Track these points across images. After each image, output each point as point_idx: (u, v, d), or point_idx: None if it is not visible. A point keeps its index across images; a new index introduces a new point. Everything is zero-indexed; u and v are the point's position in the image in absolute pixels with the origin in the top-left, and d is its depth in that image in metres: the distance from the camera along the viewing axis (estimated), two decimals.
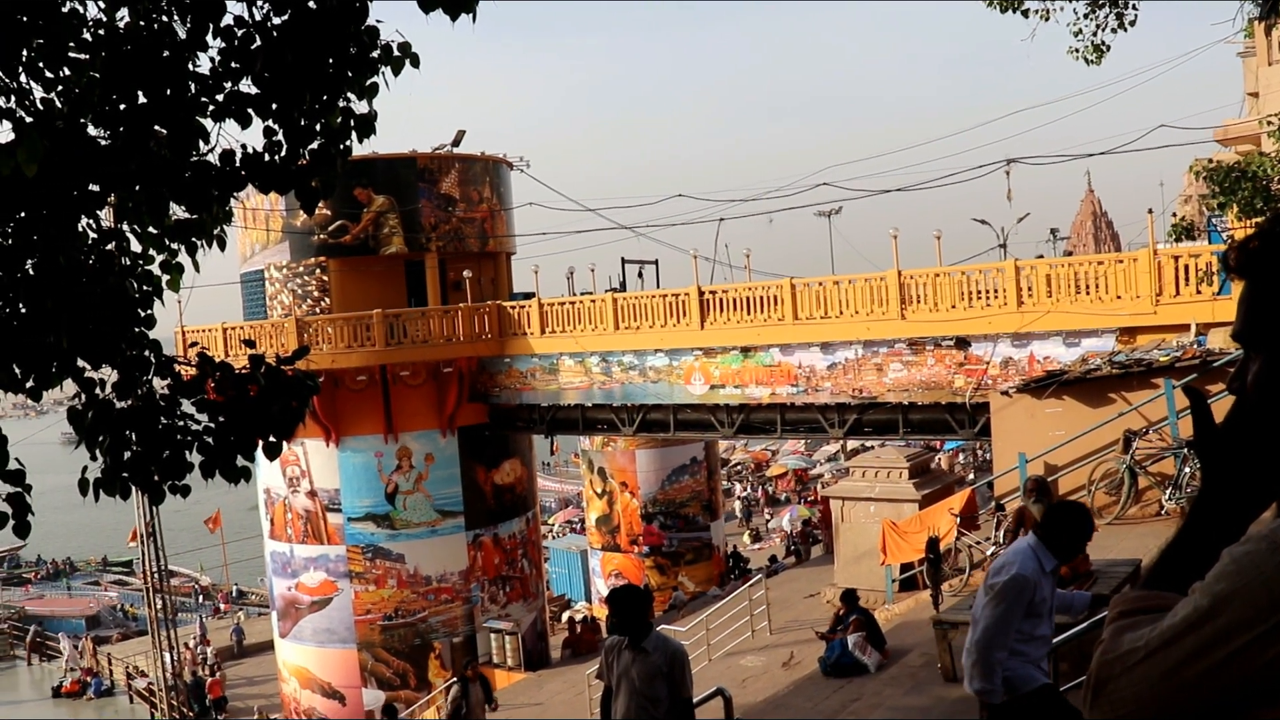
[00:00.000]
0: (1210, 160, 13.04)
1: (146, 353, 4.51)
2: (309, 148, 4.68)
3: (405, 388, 26.29)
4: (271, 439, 4.72)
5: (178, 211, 4.65)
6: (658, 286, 29.62)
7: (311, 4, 4.39)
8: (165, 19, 4.33)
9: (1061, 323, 18.20)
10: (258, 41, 4.44)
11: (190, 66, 4.38)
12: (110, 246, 4.58)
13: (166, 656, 25.64)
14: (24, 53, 3.91)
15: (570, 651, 27.76)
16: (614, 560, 34.80)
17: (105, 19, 4.30)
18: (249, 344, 6.01)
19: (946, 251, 20.35)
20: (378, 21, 4.56)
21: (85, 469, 4.42)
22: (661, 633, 6.73)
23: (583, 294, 27.15)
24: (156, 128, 4.34)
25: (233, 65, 4.47)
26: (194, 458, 4.58)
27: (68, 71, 4.13)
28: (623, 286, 30.22)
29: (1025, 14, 10.31)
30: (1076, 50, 10.45)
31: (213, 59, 4.47)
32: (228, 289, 29.70)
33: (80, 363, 4.37)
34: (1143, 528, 13.13)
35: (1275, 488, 1.40)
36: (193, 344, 26.10)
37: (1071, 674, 7.11)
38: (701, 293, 22.94)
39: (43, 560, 67.78)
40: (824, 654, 13.94)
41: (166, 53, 4.29)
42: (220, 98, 4.48)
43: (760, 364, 22.17)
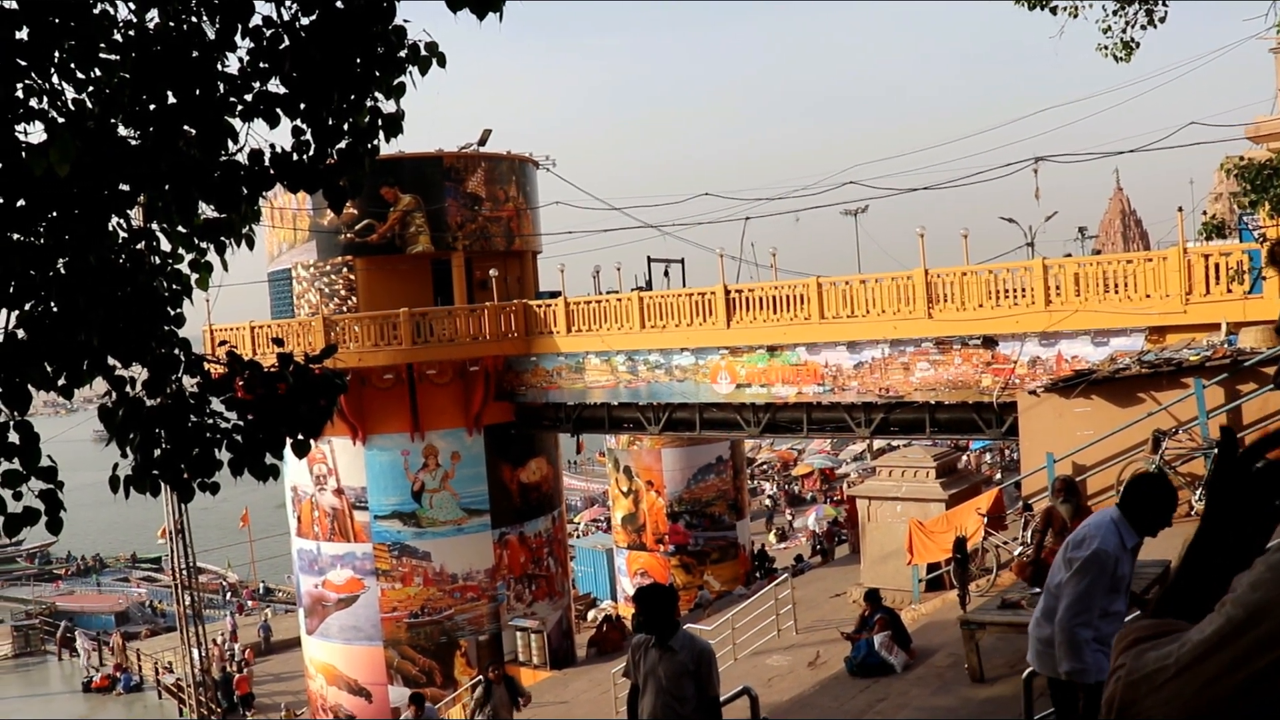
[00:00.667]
0: (1241, 158, 12.92)
1: (176, 351, 4.54)
2: (337, 147, 4.70)
3: (431, 386, 26.37)
4: (300, 437, 4.74)
5: (207, 211, 4.68)
6: (684, 285, 29.60)
7: (339, 4, 4.40)
8: (194, 20, 4.35)
9: (1090, 322, 18.08)
10: (286, 41, 4.46)
11: (219, 67, 4.40)
12: (140, 246, 4.60)
13: (195, 653, 25.81)
14: (56, 54, 3.94)
15: (595, 650, 27.78)
16: (639, 559, 34.83)
17: (135, 20, 4.32)
18: (277, 342, 6.04)
19: (973, 250, 20.29)
20: (405, 21, 4.57)
21: (116, 466, 4.45)
22: (688, 631, 6.73)
23: (609, 293, 27.14)
24: (186, 128, 4.36)
25: (261, 65, 4.48)
26: (223, 455, 4.61)
27: (98, 72, 4.15)
28: (649, 285, 30.22)
29: (1054, 11, 10.24)
30: (1105, 47, 10.37)
31: (241, 59, 4.49)
32: (255, 288, 29.89)
33: (111, 361, 4.39)
34: (1172, 528, 13.02)
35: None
36: (222, 342, 26.27)
37: None
38: (728, 291, 22.91)
39: (73, 557, 68.37)
40: (850, 654, 13.90)
41: (196, 53, 4.31)
42: (249, 97, 4.50)
43: (786, 363, 22.13)
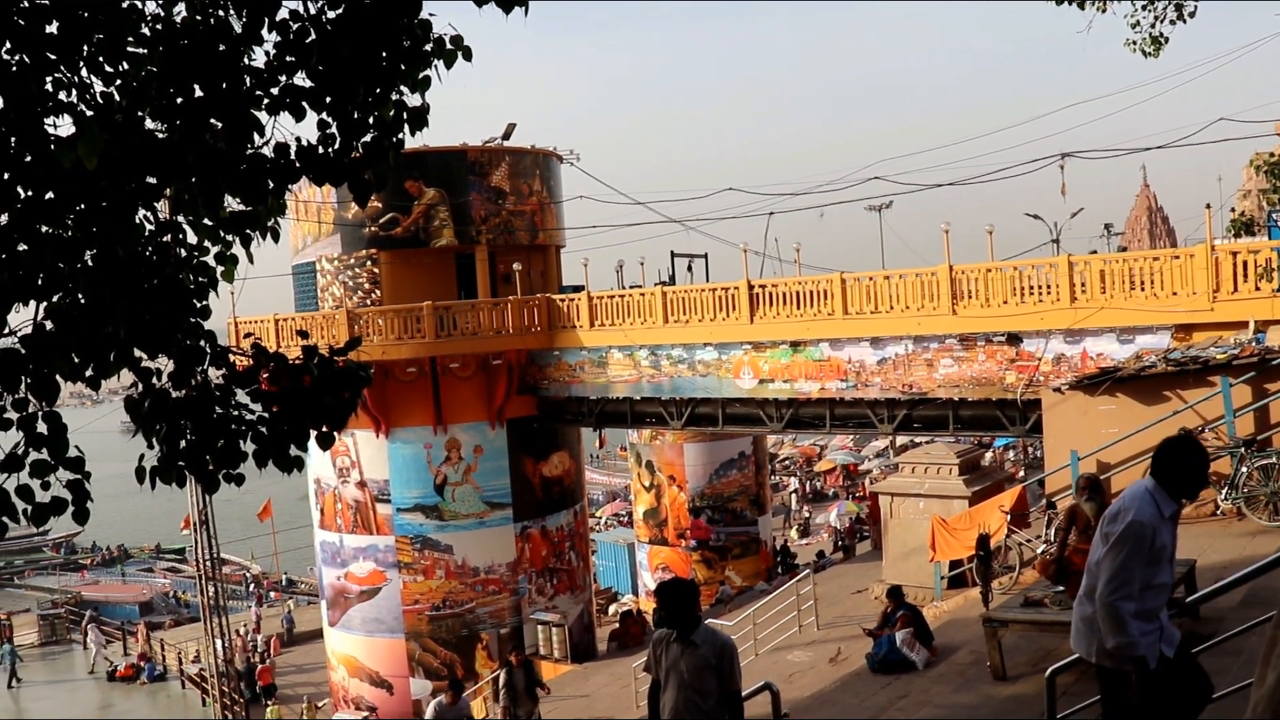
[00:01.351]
0: (1271, 154, 12.80)
1: (202, 343, 4.56)
2: (362, 140, 4.71)
3: (455, 379, 26.43)
4: (324, 429, 4.76)
5: (233, 204, 4.70)
6: (707, 280, 29.59)
7: None
8: (221, 14, 4.37)
9: (1115, 319, 17.98)
10: (312, 35, 4.48)
11: (245, 60, 4.42)
12: (167, 238, 4.63)
13: (218, 643, 25.97)
14: (85, 48, 3.97)
15: (617, 644, 27.84)
16: (661, 554, 34.85)
17: (163, 14, 4.35)
18: (302, 335, 6.08)
19: (998, 247, 20.20)
20: (430, 14, 4.58)
21: (142, 457, 4.48)
22: (710, 626, 6.73)
23: (632, 287, 27.15)
24: (213, 121, 4.38)
25: (287, 59, 4.50)
26: (248, 447, 4.63)
27: (126, 66, 4.17)
28: (672, 280, 30.22)
29: (1081, 5, 10.17)
30: (1134, 42, 10.29)
31: (268, 53, 4.50)
32: (279, 281, 30.03)
33: (137, 353, 4.42)
34: (1198, 528, 12.94)
35: None
36: (247, 335, 26.38)
37: None
38: (751, 286, 22.88)
39: (98, 547, 68.91)
40: (871, 650, 13.88)
41: (222, 47, 4.33)
42: (275, 91, 4.52)
43: (810, 358, 22.09)
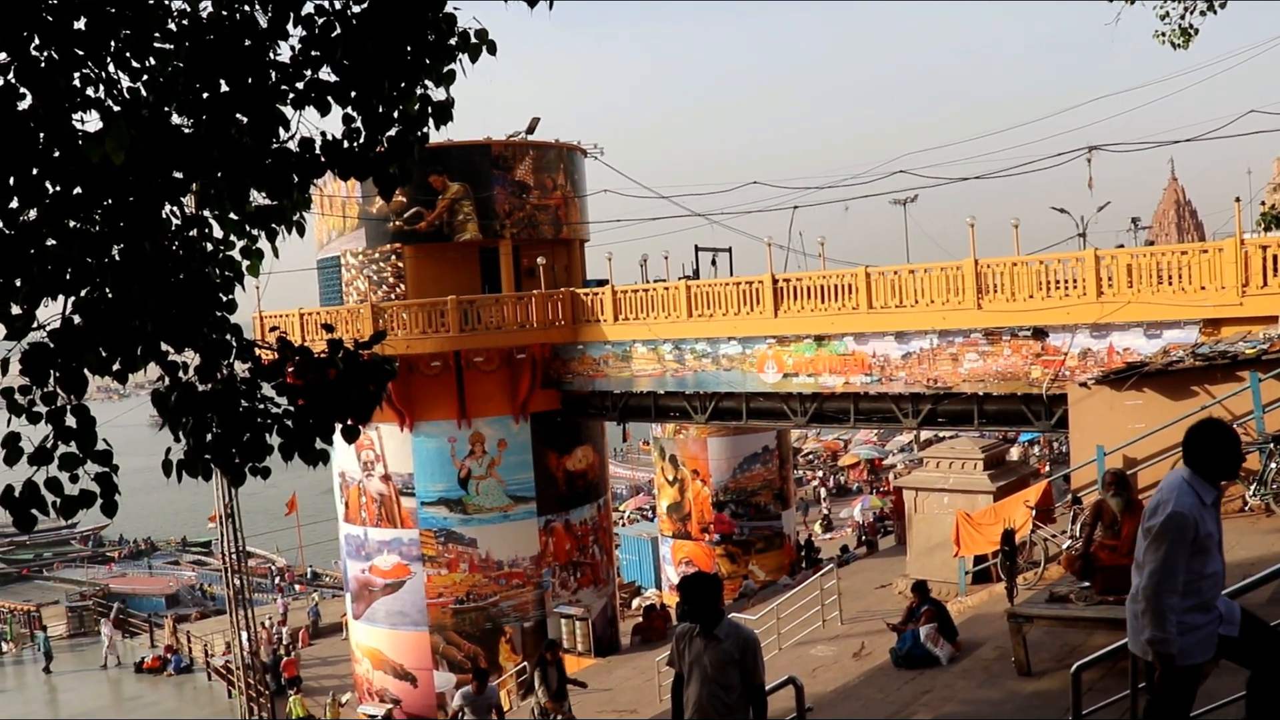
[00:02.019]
0: None
1: (228, 337, 4.58)
2: (387, 134, 4.73)
3: (479, 373, 26.48)
4: (350, 422, 4.78)
5: (258, 198, 4.72)
6: (731, 274, 29.55)
7: None
8: (247, 8, 4.39)
9: (1142, 314, 17.86)
10: (337, 30, 4.49)
11: (271, 55, 4.44)
12: (193, 233, 4.65)
13: (244, 636, 26.13)
14: (112, 43, 3.99)
15: (640, 638, 27.86)
16: (685, 548, 34.86)
17: (189, 9, 4.37)
18: (328, 328, 6.08)
19: (1024, 241, 20.04)
20: (454, 8, 4.59)
21: (168, 450, 4.50)
22: (733, 620, 6.72)
23: (656, 281, 27.14)
24: (238, 116, 4.40)
25: (313, 53, 4.52)
26: (273, 440, 4.65)
27: (153, 61, 4.19)
28: (696, 274, 30.20)
29: None
30: (1163, 34, 10.22)
31: (293, 47, 4.52)
32: (304, 275, 30.17)
33: (164, 346, 4.44)
34: (1225, 524, 12.84)
35: None
36: (273, 328, 26.53)
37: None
38: (775, 281, 22.84)
39: (125, 540, 69.46)
40: (895, 645, 13.84)
41: (248, 42, 4.35)
42: (300, 86, 4.53)
43: (834, 353, 22.04)
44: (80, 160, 3.89)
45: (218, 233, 4.77)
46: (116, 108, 4.07)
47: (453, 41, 4.63)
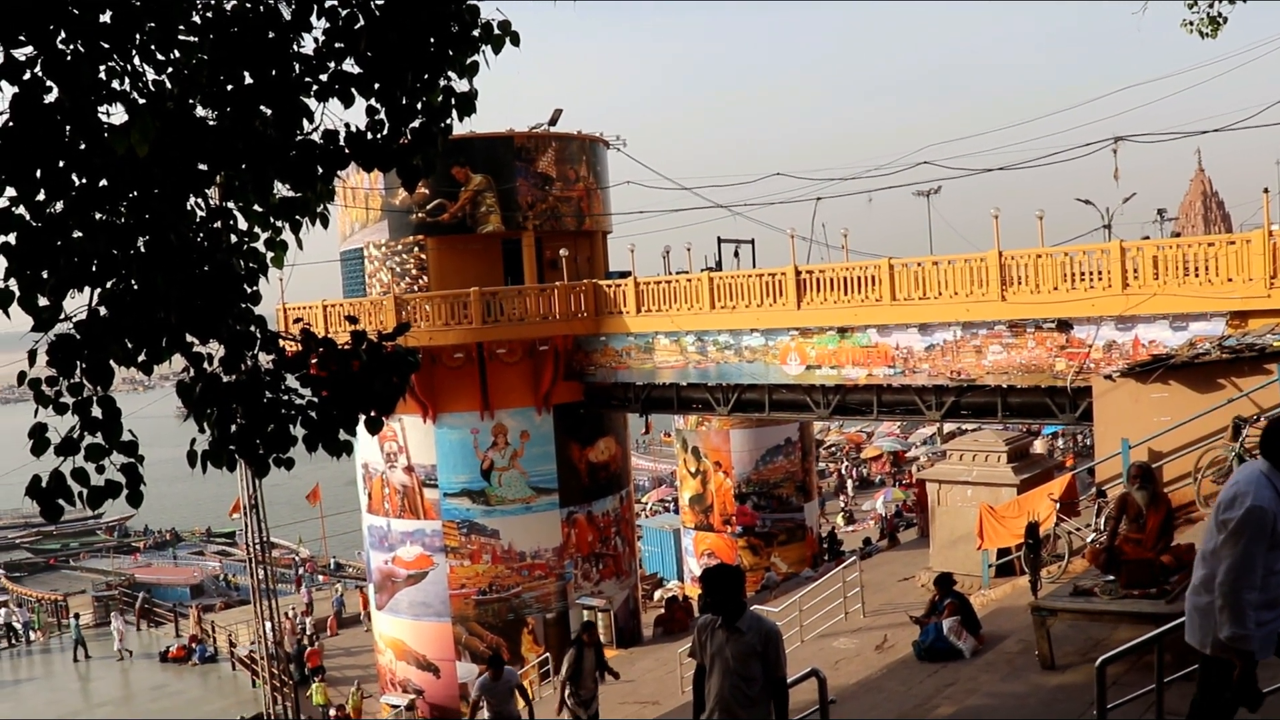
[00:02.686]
0: None
1: (252, 328, 4.60)
2: (410, 126, 4.73)
3: (501, 365, 26.53)
4: (373, 414, 4.80)
5: (282, 190, 4.74)
6: (754, 266, 29.49)
7: None
8: (271, 1, 4.40)
9: (1168, 306, 17.74)
10: (361, 21, 4.50)
11: (295, 47, 4.45)
12: (218, 224, 4.67)
13: (267, 626, 26.26)
14: (137, 36, 4.01)
15: (662, 629, 27.91)
16: (707, 540, 34.88)
17: (213, 2, 4.38)
18: (351, 320, 6.11)
19: (1049, 232, 19.97)
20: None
21: (193, 441, 4.53)
22: (755, 612, 6.72)
23: (679, 273, 27.11)
24: (262, 108, 4.41)
25: (336, 45, 4.53)
26: (297, 431, 4.67)
27: (178, 54, 4.21)
28: (719, 266, 30.15)
29: None
30: (1191, 23, 10.12)
31: (317, 39, 4.53)
32: (327, 267, 30.25)
33: (189, 338, 4.46)
34: None
35: None
36: (297, 320, 26.63)
37: (1175, 665, 6.94)
38: (798, 272, 22.79)
39: (150, 530, 69.94)
40: (918, 638, 13.83)
41: (272, 34, 4.36)
42: (324, 77, 4.54)
43: (857, 345, 21.98)
44: (106, 153, 3.91)
45: (242, 224, 4.79)
46: (142, 100, 4.08)
47: (476, 33, 4.63)
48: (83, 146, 3.94)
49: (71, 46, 3.84)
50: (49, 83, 3.82)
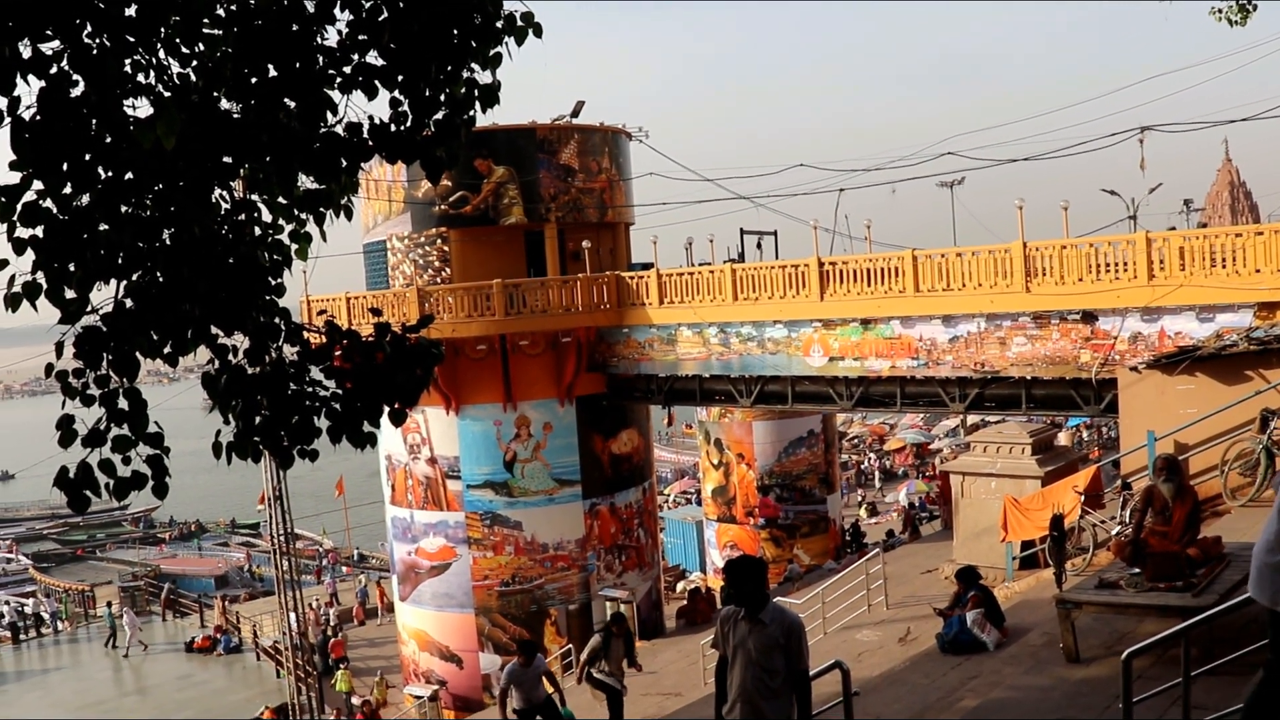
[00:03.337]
0: None
1: (276, 320, 4.62)
2: (434, 118, 4.74)
3: (524, 357, 26.56)
4: (397, 406, 4.81)
5: (306, 182, 4.75)
6: (776, 257, 29.44)
7: None
8: None
9: (1195, 297, 17.60)
10: (384, 13, 4.50)
11: (319, 39, 4.46)
12: (242, 217, 4.69)
13: (292, 617, 26.41)
14: (162, 29, 4.02)
15: (685, 621, 27.93)
16: (729, 531, 34.88)
17: None
18: (375, 312, 6.12)
19: (1073, 223, 19.79)
20: None
21: (218, 433, 4.55)
22: (778, 604, 6.71)
23: (701, 265, 27.09)
24: (286, 100, 4.42)
25: (360, 37, 4.53)
26: (322, 423, 4.69)
27: (202, 47, 4.22)
28: (741, 257, 30.11)
29: None
30: (1219, 11, 10.02)
31: (340, 32, 4.54)
32: (350, 260, 30.34)
33: (214, 329, 4.48)
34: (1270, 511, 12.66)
35: None
36: (320, 312, 26.74)
37: (1202, 659, 6.89)
38: (821, 264, 22.72)
39: (175, 521, 70.42)
40: (942, 630, 13.78)
41: (295, 26, 4.37)
42: (348, 69, 4.55)
43: (880, 336, 21.91)
44: (132, 146, 3.93)
45: (266, 217, 4.80)
46: (167, 93, 4.10)
47: (499, 24, 4.63)
48: (109, 140, 3.96)
49: (97, 40, 3.85)
50: (75, 76, 3.84)
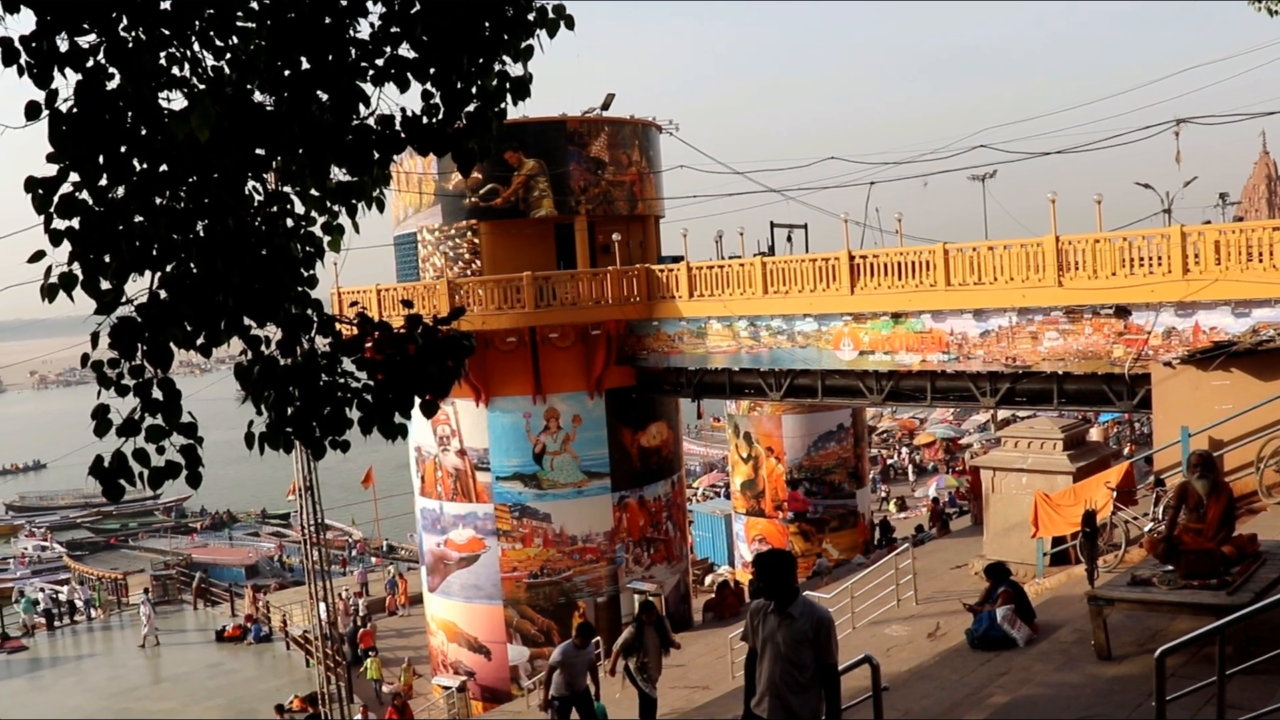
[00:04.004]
0: None
1: (309, 312, 4.64)
2: (465, 110, 4.75)
3: (554, 349, 26.60)
4: (428, 397, 4.82)
5: (339, 174, 4.77)
6: (807, 250, 29.35)
7: None
8: None
9: (1230, 291, 17.43)
10: (416, 6, 4.51)
11: (351, 32, 4.47)
12: (275, 209, 4.72)
13: (321, 606, 26.57)
14: (197, 23, 4.05)
15: (713, 615, 27.89)
16: (758, 525, 34.83)
17: None
18: (406, 304, 6.15)
19: (1107, 217, 19.61)
20: None
21: (251, 423, 4.58)
22: (808, 598, 6.70)
23: (731, 258, 27.04)
24: (319, 93, 4.44)
25: (392, 30, 4.55)
26: (353, 414, 4.71)
27: (236, 40, 4.25)
28: (771, 250, 30.03)
29: None
30: (1258, 1, 9.92)
31: (373, 24, 4.56)
32: (381, 252, 30.45)
33: (246, 321, 4.51)
34: None
35: None
36: (353, 303, 26.85)
37: (1237, 658, 6.83)
38: (852, 257, 22.64)
39: (206, 511, 70.97)
40: (971, 626, 13.72)
41: (328, 19, 4.39)
42: (380, 62, 4.57)
43: (911, 330, 21.81)
44: (167, 138, 3.96)
45: (299, 209, 4.83)
46: (201, 86, 4.13)
47: (531, 17, 4.64)
48: (144, 132, 3.99)
49: (133, 34, 3.88)
50: (111, 69, 3.87)
